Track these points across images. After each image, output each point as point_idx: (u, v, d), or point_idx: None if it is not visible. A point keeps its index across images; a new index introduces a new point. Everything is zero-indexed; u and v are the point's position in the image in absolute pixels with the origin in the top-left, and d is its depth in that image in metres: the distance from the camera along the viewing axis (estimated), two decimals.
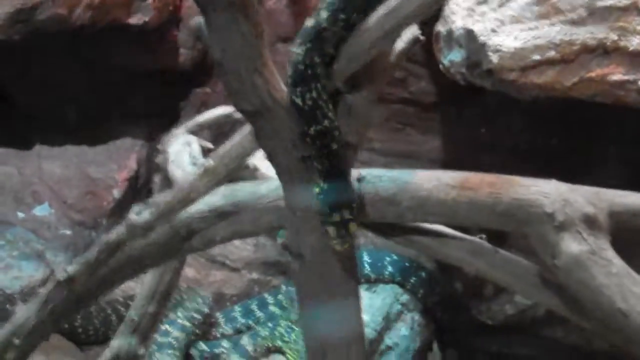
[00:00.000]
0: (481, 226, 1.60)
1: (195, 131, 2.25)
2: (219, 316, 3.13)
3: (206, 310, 3.05)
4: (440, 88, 3.21)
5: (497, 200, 1.54)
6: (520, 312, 3.33)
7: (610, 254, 1.48)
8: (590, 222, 1.49)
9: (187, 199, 1.62)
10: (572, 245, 1.48)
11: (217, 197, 1.74)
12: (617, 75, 2.18)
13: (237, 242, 3.44)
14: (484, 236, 1.65)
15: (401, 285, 3.16)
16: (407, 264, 3.20)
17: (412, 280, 3.17)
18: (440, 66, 2.47)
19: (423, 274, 3.20)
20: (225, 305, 3.31)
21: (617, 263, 1.47)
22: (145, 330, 2.32)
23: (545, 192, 1.51)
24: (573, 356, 3.13)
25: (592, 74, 2.20)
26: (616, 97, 2.20)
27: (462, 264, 1.66)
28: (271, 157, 1.57)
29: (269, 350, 2.77)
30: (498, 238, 1.68)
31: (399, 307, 3.09)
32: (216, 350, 2.90)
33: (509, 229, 1.57)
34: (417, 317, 3.13)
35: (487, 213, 1.55)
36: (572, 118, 2.78)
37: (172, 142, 2.14)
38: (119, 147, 3.38)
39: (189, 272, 3.57)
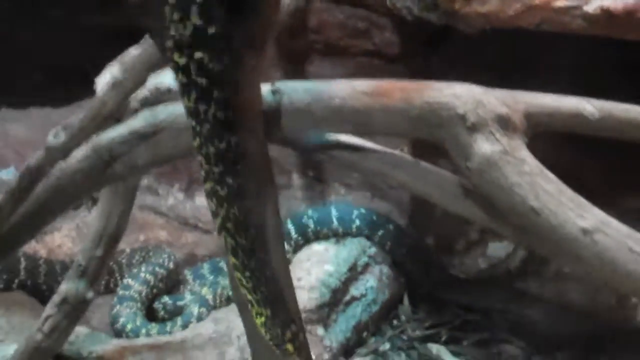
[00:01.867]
0: (397, 133, 1.56)
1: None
2: (187, 273, 3.12)
3: (171, 265, 3.03)
4: (405, 38, 3.17)
5: (410, 105, 1.50)
6: (493, 265, 3.29)
7: (524, 153, 1.44)
8: (503, 122, 1.45)
9: (99, 115, 1.60)
10: (484, 145, 1.44)
11: (137, 120, 1.71)
12: (561, 1, 2.13)
13: None
14: (404, 148, 1.62)
15: (369, 238, 3.14)
16: (375, 217, 3.17)
17: (379, 233, 3.14)
18: (387, 2, 2.43)
19: (391, 227, 3.17)
20: (196, 265, 3.30)
21: (531, 162, 1.43)
22: (93, 274, 2.30)
23: (458, 94, 1.48)
24: (546, 308, 3.08)
25: (536, 1, 2.14)
26: (562, 24, 2.15)
27: (384, 177, 1.63)
28: None
29: (229, 299, 2.75)
30: None
31: (366, 259, 3.06)
32: (179, 303, 2.88)
33: (424, 135, 1.53)
34: (385, 269, 3.10)
35: (401, 119, 1.51)
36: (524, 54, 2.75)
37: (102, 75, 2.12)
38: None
39: (161, 234, 3.58)
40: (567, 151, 2.89)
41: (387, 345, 2.89)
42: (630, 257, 1.32)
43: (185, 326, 2.66)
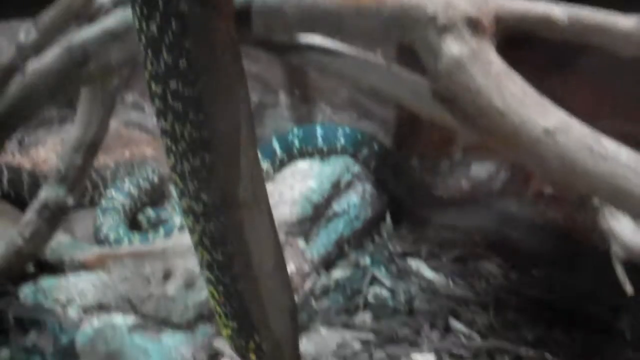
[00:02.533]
0: (369, 36, 1.55)
1: None
2: (172, 188, 3.15)
3: (155, 180, 3.06)
4: None
5: (382, 6, 1.49)
6: (476, 186, 3.32)
7: (492, 56, 1.44)
8: (473, 24, 1.44)
9: (70, 11, 1.59)
10: (453, 47, 1.43)
11: (110, 20, 1.71)
12: None
13: None
14: (379, 51, 1.61)
15: (353, 157, 3.16)
16: (359, 136, 3.19)
17: (364, 152, 3.16)
18: None
19: (376, 147, 3.19)
20: None
21: (498, 64, 1.43)
22: (73, 181, 2.33)
23: None
24: (528, 228, 3.13)
25: None
26: None
27: (356, 80, 1.63)
28: None
29: None
30: None
31: (350, 177, 3.09)
32: (162, 215, 2.92)
33: (396, 37, 1.52)
34: (368, 187, 3.13)
35: (373, 21, 1.50)
36: None
37: None
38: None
39: (147, 151, 3.60)
40: None
41: (367, 260, 2.94)
42: (590, 158, 1.33)
43: (167, 236, 2.70)
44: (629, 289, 2.04)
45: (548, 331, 2.64)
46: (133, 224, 2.95)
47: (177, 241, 2.57)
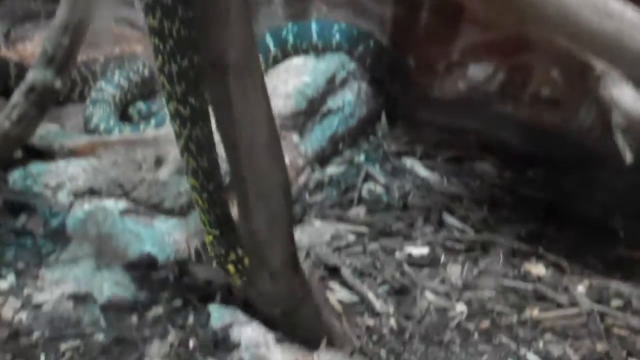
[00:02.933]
0: None
1: None
2: None
3: (146, 73, 2.98)
4: None
5: None
6: (473, 87, 3.26)
7: None
8: None
9: None
10: None
11: None
12: None
13: None
14: None
15: (349, 53, 3.08)
16: (356, 33, 3.10)
17: (360, 49, 3.08)
18: None
19: (372, 44, 3.11)
20: None
21: None
22: (61, 63, 2.26)
23: None
24: (521, 130, 3.09)
25: None
26: None
27: None
28: None
29: None
30: None
31: (345, 74, 3.02)
32: (153, 108, 2.86)
33: None
34: (364, 86, 3.07)
35: None
36: None
37: None
38: None
39: (137, 48, 3.50)
40: None
41: (362, 157, 2.91)
42: (595, 16, 1.28)
43: (159, 127, 2.65)
44: (628, 156, 2.02)
45: (542, 228, 2.64)
46: (124, 117, 2.89)
47: (168, 130, 2.52)
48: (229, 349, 1.72)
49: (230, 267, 1.69)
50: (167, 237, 2.16)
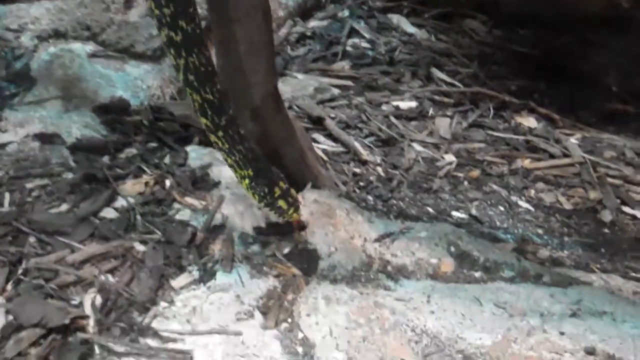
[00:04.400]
0: None
1: None
2: None
3: None
4: None
5: None
6: None
7: None
8: None
9: None
10: None
11: None
12: None
13: None
14: None
15: None
16: None
17: None
18: None
19: None
20: None
21: None
22: None
23: None
24: None
25: None
26: None
27: None
28: None
29: None
30: None
31: None
32: None
33: None
34: None
35: None
36: None
37: None
38: None
39: None
40: None
41: (346, 12, 2.75)
42: None
43: None
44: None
45: (533, 83, 2.54)
46: None
47: None
48: (208, 187, 1.62)
49: (282, 203, 1.48)
50: (141, 82, 2.02)
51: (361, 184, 1.93)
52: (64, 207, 1.51)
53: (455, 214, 1.87)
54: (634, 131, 2.36)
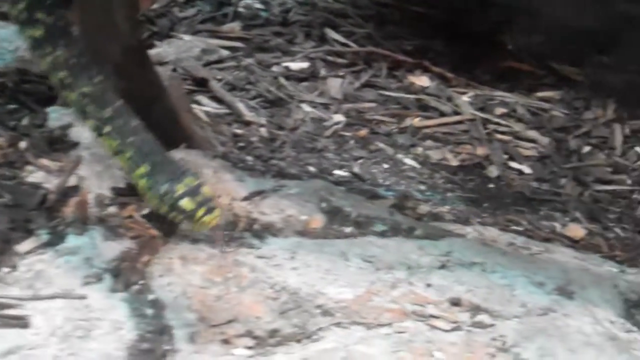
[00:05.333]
0: None
1: None
2: None
3: None
4: None
5: None
6: None
7: None
8: None
9: None
10: None
11: None
12: None
13: None
14: None
15: None
16: None
17: None
18: None
19: None
20: None
21: None
22: None
23: None
24: None
25: None
26: None
27: None
28: None
29: None
30: None
31: None
32: None
33: None
34: None
35: None
36: None
37: None
38: None
39: None
40: None
41: None
42: None
43: None
44: None
45: (429, 43, 2.50)
46: None
47: None
48: (66, 149, 1.53)
49: (186, 204, 1.16)
50: (7, 44, 1.91)
51: (241, 144, 1.87)
52: None
53: (337, 172, 1.83)
54: (527, 88, 2.35)
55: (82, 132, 1.56)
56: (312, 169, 1.82)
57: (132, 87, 1.61)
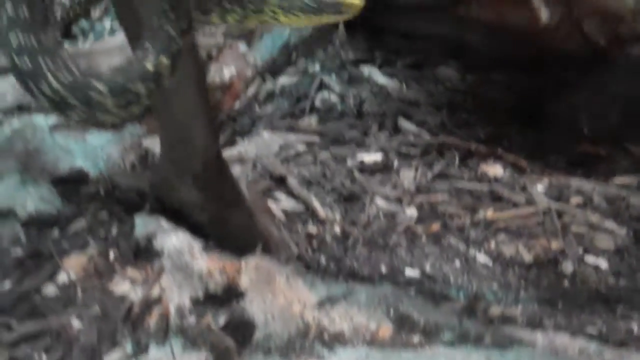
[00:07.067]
0: None
1: None
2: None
3: None
4: None
5: None
6: None
7: None
8: None
9: None
10: None
11: None
12: None
13: None
14: None
15: None
16: None
17: None
18: None
19: None
20: None
21: None
22: None
23: None
24: (488, 32, 2.94)
25: None
26: None
27: None
28: None
29: None
30: None
31: None
32: (96, 25, 2.73)
33: None
34: None
35: None
36: None
37: None
38: None
39: None
40: None
41: (317, 67, 2.78)
42: None
43: (97, 40, 2.53)
44: (544, 15, 1.90)
45: (502, 130, 2.53)
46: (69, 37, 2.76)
47: (105, 43, 2.41)
48: (150, 257, 1.64)
49: None
50: (100, 151, 2.06)
51: (315, 244, 1.94)
52: (7, 284, 1.55)
53: (408, 271, 1.86)
54: (604, 174, 2.33)
55: (165, 240, 1.67)
56: (383, 268, 1.87)
57: (212, 195, 1.73)
